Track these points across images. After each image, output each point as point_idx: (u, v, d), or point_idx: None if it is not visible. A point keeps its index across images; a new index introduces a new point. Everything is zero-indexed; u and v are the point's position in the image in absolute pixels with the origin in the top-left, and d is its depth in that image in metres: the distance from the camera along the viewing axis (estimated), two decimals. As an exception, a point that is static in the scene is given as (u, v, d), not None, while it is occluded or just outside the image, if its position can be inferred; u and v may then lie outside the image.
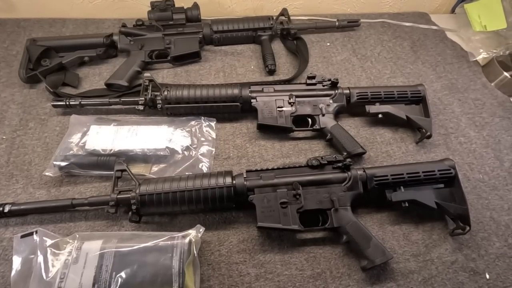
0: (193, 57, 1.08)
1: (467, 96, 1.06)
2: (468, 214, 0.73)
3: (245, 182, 0.74)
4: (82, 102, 0.91)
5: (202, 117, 0.93)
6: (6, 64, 1.05)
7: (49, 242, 0.65)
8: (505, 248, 0.76)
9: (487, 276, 0.73)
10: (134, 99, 0.90)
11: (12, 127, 0.91)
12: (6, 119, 0.93)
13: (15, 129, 0.91)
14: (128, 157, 0.81)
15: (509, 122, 1.00)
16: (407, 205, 0.74)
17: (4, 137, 0.89)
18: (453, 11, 1.37)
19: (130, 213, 0.72)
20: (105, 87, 1.00)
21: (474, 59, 1.16)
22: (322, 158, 0.77)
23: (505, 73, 1.07)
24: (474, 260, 0.74)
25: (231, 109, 0.92)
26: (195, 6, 1.10)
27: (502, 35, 1.15)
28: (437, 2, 1.36)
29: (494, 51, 1.14)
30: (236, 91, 0.90)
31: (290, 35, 1.14)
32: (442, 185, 0.77)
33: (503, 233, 0.79)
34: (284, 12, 1.15)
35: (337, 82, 0.93)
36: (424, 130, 0.90)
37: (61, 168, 0.79)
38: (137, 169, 0.81)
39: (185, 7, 1.09)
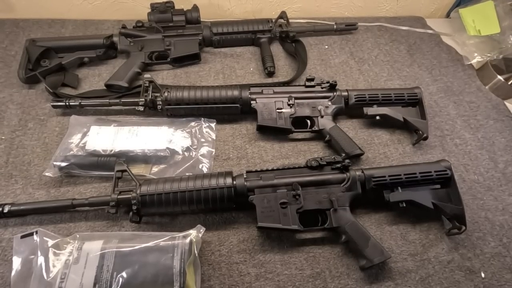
0: (192, 59, 1.09)
1: (462, 99, 1.08)
2: (463, 214, 0.74)
3: (245, 183, 0.74)
4: (82, 103, 0.91)
5: (202, 118, 0.94)
6: (4, 64, 1.05)
7: (50, 242, 0.65)
8: (500, 247, 0.78)
9: (483, 275, 0.74)
10: (134, 100, 0.90)
11: (11, 127, 0.91)
12: (5, 119, 0.93)
13: (14, 129, 0.91)
14: (128, 158, 0.81)
15: (502, 124, 1.02)
16: (404, 205, 0.76)
17: (3, 137, 0.89)
18: (448, 15, 1.40)
19: (130, 213, 0.72)
20: (104, 88, 1.00)
21: (469, 63, 1.18)
22: (321, 159, 0.78)
23: (499, 77, 1.09)
24: (469, 259, 0.76)
25: (231, 110, 0.93)
26: (195, 8, 1.10)
27: (495, 39, 1.18)
28: (433, 6, 1.38)
29: (488, 55, 1.16)
30: (236, 92, 0.91)
31: (289, 38, 1.15)
32: (438, 186, 0.79)
33: (497, 232, 0.80)
34: (283, 15, 1.16)
35: (336, 84, 0.94)
36: (420, 132, 0.92)
37: (61, 168, 0.79)
38: (137, 169, 0.81)
39: (184, 9, 1.09)
